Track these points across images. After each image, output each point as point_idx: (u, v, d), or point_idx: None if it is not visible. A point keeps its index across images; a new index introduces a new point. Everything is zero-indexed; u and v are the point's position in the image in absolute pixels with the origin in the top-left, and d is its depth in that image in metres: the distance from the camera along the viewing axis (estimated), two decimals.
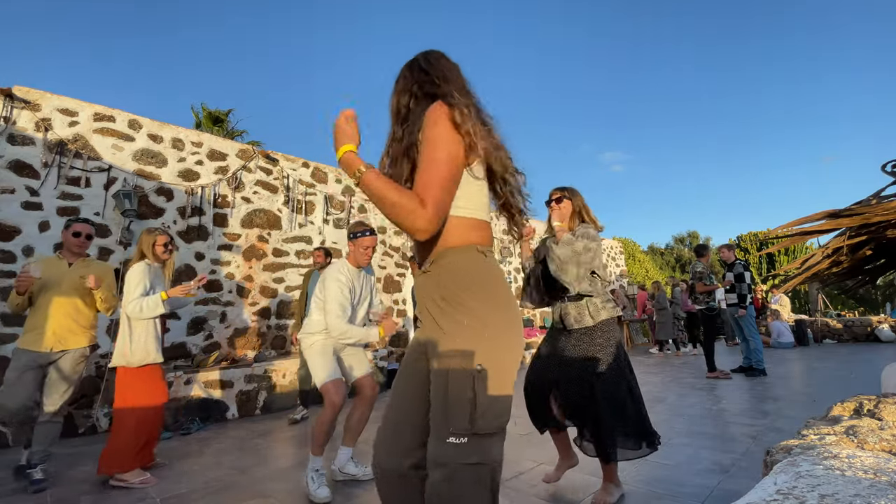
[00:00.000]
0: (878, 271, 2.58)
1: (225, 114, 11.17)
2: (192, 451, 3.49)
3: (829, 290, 14.06)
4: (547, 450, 3.08)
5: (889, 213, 2.08)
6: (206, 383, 4.52)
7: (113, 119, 4.89)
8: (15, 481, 2.86)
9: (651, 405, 4.31)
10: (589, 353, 2.25)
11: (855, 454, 0.96)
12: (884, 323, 9.76)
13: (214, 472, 2.94)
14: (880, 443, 1.10)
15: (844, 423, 1.28)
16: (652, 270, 23.34)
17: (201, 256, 5.32)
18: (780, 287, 11.59)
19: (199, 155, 5.50)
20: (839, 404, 1.63)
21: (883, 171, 2.43)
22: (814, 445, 1.09)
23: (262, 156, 6.09)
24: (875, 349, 8.32)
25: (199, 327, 5.17)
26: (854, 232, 2.29)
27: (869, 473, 0.82)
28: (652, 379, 5.94)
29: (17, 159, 4.25)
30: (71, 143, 4.56)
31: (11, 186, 4.19)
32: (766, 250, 5.78)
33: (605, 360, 2.23)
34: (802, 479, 0.82)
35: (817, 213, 2.36)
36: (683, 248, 41.00)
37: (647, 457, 2.62)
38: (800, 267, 2.66)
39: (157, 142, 5.17)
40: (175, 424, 4.12)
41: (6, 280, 4.05)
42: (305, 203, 6.38)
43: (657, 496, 2.23)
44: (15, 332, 4.02)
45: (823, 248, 2.47)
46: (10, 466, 3.11)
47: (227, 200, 5.62)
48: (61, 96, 4.61)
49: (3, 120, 4.23)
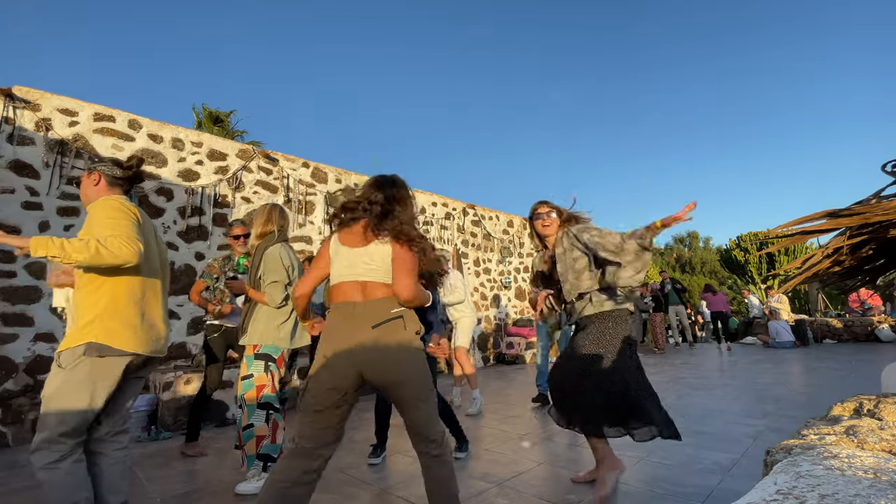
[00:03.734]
0: (878, 271, 2.58)
1: (226, 114, 11.19)
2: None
3: (829, 290, 14.05)
4: (547, 450, 3.08)
5: (889, 212, 2.08)
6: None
7: (113, 119, 4.89)
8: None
9: None
10: (587, 342, 2.27)
11: (855, 454, 0.96)
12: (884, 323, 9.76)
13: (214, 472, 2.94)
14: (880, 443, 1.10)
15: (844, 423, 1.28)
16: (652, 270, 23.33)
17: (201, 256, 5.32)
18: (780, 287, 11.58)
19: (199, 155, 5.50)
20: (839, 404, 1.63)
21: (883, 170, 2.42)
22: (814, 445, 1.09)
23: (262, 156, 6.09)
24: (875, 349, 8.32)
25: (199, 327, 5.17)
26: (854, 232, 2.28)
27: (869, 473, 0.82)
28: (652, 379, 5.91)
29: (17, 159, 4.26)
30: (71, 142, 4.56)
31: (11, 186, 4.20)
32: (766, 250, 5.76)
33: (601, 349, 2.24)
34: (802, 479, 0.82)
35: (817, 212, 2.35)
36: (683, 248, 40.98)
37: (647, 457, 2.62)
38: (800, 267, 2.66)
39: (157, 142, 5.17)
40: (175, 424, 4.12)
41: (6, 280, 4.05)
42: (305, 203, 6.39)
43: (657, 496, 2.23)
44: (15, 332, 4.03)
45: (823, 248, 2.46)
46: (10, 467, 3.11)
47: (227, 200, 5.63)
48: (61, 96, 4.61)
49: (3, 120, 4.23)
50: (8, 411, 3.85)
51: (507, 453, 3.03)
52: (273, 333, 2.71)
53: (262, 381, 2.66)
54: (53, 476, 1.60)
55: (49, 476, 1.60)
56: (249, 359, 2.69)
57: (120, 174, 1.91)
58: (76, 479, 1.63)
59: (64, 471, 1.61)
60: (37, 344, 4.12)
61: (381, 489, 2.50)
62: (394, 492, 2.44)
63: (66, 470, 1.62)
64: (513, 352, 8.43)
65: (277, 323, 2.73)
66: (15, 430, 3.84)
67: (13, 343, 4.01)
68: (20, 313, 4.09)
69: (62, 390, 1.65)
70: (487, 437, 3.46)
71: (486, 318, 8.75)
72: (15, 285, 4.08)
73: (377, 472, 2.77)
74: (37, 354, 4.10)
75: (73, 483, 1.62)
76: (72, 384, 1.66)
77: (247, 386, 2.64)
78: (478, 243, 8.89)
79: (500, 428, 3.70)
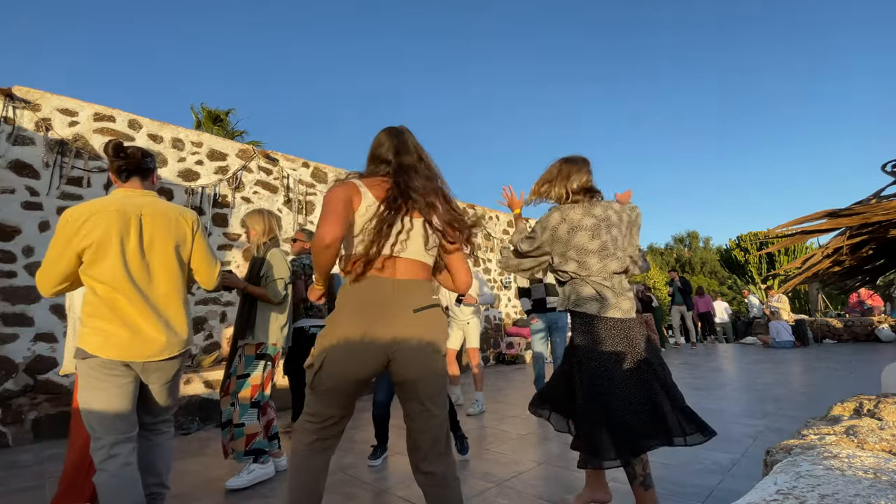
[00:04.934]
0: (878, 271, 2.58)
1: (225, 113, 11.18)
2: (192, 450, 3.49)
3: (829, 290, 14.05)
4: (546, 450, 3.08)
5: (889, 212, 2.08)
6: (206, 383, 4.52)
7: (113, 119, 4.89)
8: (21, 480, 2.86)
9: None
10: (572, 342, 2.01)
11: (855, 454, 0.96)
12: (884, 323, 9.76)
13: (214, 471, 2.94)
14: (880, 443, 1.10)
15: (844, 423, 1.28)
16: (652, 270, 23.34)
17: None
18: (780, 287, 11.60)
19: (199, 155, 5.50)
20: (839, 404, 1.63)
21: (883, 170, 2.42)
22: (814, 445, 1.09)
23: (262, 156, 6.09)
24: (875, 349, 8.32)
25: (199, 327, 5.17)
26: (854, 232, 2.28)
27: (869, 473, 0.82)
28: None
29: (17, 159, 4.26)
30: (71, 142, 4.56)
31: (11, 186, 4.20)
32: (765, 250, 5.76)
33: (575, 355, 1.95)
34: (802, 479, 0.82)
35: (817, 212, 2.35)
36: (683, 248, 41.00)
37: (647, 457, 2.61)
38: (800, 267, 2.66)
39: (157, 142, 5.17)
40: (175, 424, 4.12)
41: (6, 280, 4.05)
42: (305, 203, 6.38)
43: (657, 496, 2.23)
44: (15, 332, 4.03)
45: (823, 248, 2.46)
46: (10, 467, 3.11)
47: (227, 200, 5.62)
48: (61, 96, 4.61)
49: (3, 120, 4.23)
50: (8, 411, 3.84)
51: (507, 453, 3.03)
52: (277, 333, 2.76)
53: (258, 380, 2.69)
54: (100, 478, 1.61)
55: (97, 478, 1.61)
56: (250, 358, 2.70)
57: (114, 166, 1.85)
58: (121, 482, 1.62)
59: (110, 473, 1.61)
60: (37, 344, 4.12)
61: (381, 489, 2.50)
62: (394, 492, 2.44)
63: (111, 472, 1.61)
64: (513, 352, 8.43)
65: (281, 323, 2.79)
66: (15, 430, 3.84)
67: (13, 343, 4.01)
68: (20, 313, 4.09)
69: (79, 393, 1.71)
70: (487, 437, 3.46)
71: (486, 318, 8.75)
72: (15, 285, 4.08)
73: (377, 473, 2.77)
74: (37, 354, 4.09)
75: (118, 486, 1.61)
76: (80, 387, 1.70)
77: (243, 385, 2.67)
78: (478, 243, 8.89)
79: (500, 428, 3.70)
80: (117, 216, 1.72)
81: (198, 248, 1.93)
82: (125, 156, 1.84)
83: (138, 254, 1.75)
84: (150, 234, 1.79)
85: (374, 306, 1.44)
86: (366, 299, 1.45)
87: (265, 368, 2.73)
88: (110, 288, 1.69)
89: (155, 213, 1.82)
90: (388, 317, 1.43)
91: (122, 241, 1.72)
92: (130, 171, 1.88)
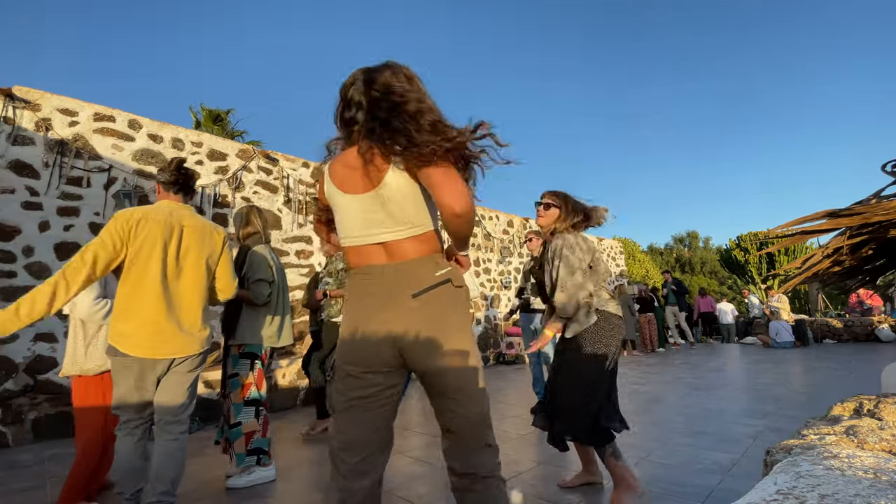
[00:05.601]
0: (878, 271, 2.58)
1: (225, 112, 11.18)
2: (192, 450, 3.47)
3: (829, 290, 14.05)
4: (546, 450, 3.08)
5: (889, 212, 2.08)
6: (205, 383, 4.52)
7: (113, 119, 4.89)
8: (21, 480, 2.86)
9: (651, 405, 4.31)
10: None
11: (855, 454, 0.96)
12: (884, 323, 9.76)
13: (214, 471, 2.94)
14: (880, 443, 1.11)
15: (844, 423, 1.28)
16: (652, 270, 23.34)
17: None
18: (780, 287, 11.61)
19: (199, 155, 5.50)
20: (839, 404, 1.63)
21: (883, 170, 2.42)
22: (814, 445, 1.09)
23: (262, 156, 6.09)
24: (875, 349, 8.32)
25: None
26: (854, 232, 2.28)
27: (869, 473, 0.82)
28: (652, 378, 5.94)
29: (17, 159, 4.25)
30: (71, 142, 4.56)
31: (11, 186, 4.19)
32: (765, 250, 5.76)
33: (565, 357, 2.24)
34: (802, 479, 0.82)
35: (817, 212, 2.35)
36: (683, 248, 41.01)
37: (647, 457, 2.62)
38: (800, 267, 2.66)
39: (157, 142, 5.17)
40: None
41: (6, 280, 4.05)
42: (305, 203, 6.38)
43: (657, 496, 2.23)
44: (15, 332, 4.02)
45: (823, 248, 2.46)
46: (10, 467, 3.11)
47: (227, 200, 5.62)
48: (61, 96, 4.61)
49: (3, 120, 4.23)
50: (8, 411, 3.84)
51: (507, 453, 3.02)
52: (259, 332, 2.76)
53: (249, 379, 2.71)
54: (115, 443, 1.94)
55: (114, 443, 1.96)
56: (235, 358, 2.73)
57: (164, 178, 2.08)
58: (124, 448, 1.90)
59: (118, 440, 1.91)
60: (37, 344, 4.11)
61: (382, 490, 2.50)
62: (394, 492, 2.44)
63: (119, 439, 1.91)
64: (513, 352, 8.43)
65: (263, 322, 2.78)
66: (15, 430, 3.84)
67: (13, 343, 4.01)
68: None
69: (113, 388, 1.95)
70: None
71: (486, 318, 8.75)
72: (15, 285, 4.07)
73: None
74: (37, 354, 4.09)
75: (120, 451, 1.90)
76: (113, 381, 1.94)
77: (233, 385, 2.68)
78: (478, 243, 8.89)
79: (500, 428, 3.70)
80: (164, 224, 1.96)
81: (224, 261, 2.18)
82: (185, 173, 2.11)
83: (175, 259, 1.97)
84: (188, 243, 2.01)
85: (367, 297, 1.26)
86: (359, 289, 1.29)
87: (253, 367, 2.73)
88: (145, 287, 1.88)
89: (194, 225, 2.05)
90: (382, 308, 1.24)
91: (166, 245, 1.94)
92: (181, 187, 2.11)
